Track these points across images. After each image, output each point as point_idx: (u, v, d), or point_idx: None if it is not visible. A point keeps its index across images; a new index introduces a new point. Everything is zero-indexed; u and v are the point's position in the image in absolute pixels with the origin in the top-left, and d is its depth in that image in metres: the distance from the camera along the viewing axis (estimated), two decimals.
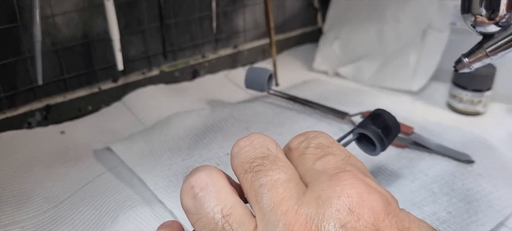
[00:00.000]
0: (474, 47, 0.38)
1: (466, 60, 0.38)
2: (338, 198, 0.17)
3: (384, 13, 0.68)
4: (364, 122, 0.35)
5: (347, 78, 0.69)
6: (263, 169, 0.19)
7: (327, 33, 0.74)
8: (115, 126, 0.55)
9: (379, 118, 0.35)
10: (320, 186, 0.18)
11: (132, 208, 0.39)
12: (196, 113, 0.53)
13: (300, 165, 0.20)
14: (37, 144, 0.50)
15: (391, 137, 0.35)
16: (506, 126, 0.54)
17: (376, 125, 0.34)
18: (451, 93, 0.57)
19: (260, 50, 0.76)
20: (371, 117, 0.35)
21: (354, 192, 0.17)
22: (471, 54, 0.38)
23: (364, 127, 0.34)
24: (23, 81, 0.53)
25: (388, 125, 0.35)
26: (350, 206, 0.17)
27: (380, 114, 0.36)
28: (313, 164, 0.19)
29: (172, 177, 0.42)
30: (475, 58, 0.38)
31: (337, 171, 0.18)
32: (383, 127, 0.34)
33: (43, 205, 0.41)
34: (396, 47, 0.66)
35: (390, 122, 0.35)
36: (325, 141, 0.21)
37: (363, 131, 0.34)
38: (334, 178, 0.18)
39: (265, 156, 0.20)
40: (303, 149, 0.21)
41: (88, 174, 0.45)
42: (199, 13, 0.66)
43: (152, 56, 0.64)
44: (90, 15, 0.56)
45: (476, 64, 0.38)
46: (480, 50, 0.37)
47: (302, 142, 0.21)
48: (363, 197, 0.17)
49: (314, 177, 0.19)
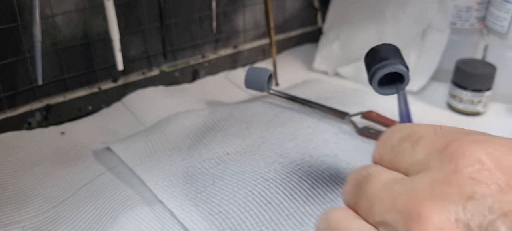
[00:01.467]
0: None
1: None
2: (466, 166, 0.16)
3: (384, 13, 0.68)
4: (373, 63, 0.33)
5: (347, 78, 0.69)
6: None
7: (327, 33, 0.74)
8: (115, 126, 0.55)
9: (379, 52, 0.33)
10: (435, 172, 0.16)
11: (132, 208, 0.39)
12: (196, 113, 0.53)
13: (398, 164, 0.19)
14: (37, 144, 0.50)
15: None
16: (507, 125, 0.54)
17: (388, 59, 0.32)
18: (451, 93, 0.57)
19: (260, 50, 0.76)
20: (372, 58, 0.33)
21: (475, 156, 0.16)
22: None
23: (382, 67, 0.32)
24: (23, 81, 0.53)
25: (390, 52, 0.33)
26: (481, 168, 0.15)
27: (376, 49, 0.34)
28: (412, 157, 0.18)
29: (172, 177, 0.42)
30: None
31: (441, 148, 0.17)
32: (391, 55, 0.32)
33: (43, 205, 0.41)
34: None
35: (388, 48, 0.33)
36: (402, 133, 0.19)
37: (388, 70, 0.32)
38: (444, 155, 0.16)
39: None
40: (391, 153, 0.19)
41: (88, 174, 0.45)
42: (199, 13, 0.66)
43: (152, 56, 0.64)
44: (90, 15, 0.56)
45: None
46: None
47: (385, 146, 0.20)
48: (484, 157, 0.16)
49: (421, 168, 0.17)
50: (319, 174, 0.41)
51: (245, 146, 0.46)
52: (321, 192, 0.40)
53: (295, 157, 0.44)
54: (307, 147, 0.46)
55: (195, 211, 0.38)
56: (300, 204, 0.38)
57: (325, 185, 0.40)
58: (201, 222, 0.37)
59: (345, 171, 0.42)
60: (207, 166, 0.43)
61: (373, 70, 0.33)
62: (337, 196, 0.39)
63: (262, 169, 0.42)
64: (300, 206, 0.38)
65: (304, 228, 0.36)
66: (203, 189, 0.40)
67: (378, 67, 0.32)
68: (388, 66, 0.32)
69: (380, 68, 0.32)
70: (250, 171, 0.42)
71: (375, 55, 0.33)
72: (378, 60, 0.32)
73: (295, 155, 0.45)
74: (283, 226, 0.36)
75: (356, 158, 0.44)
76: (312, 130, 0.49)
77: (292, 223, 0.36)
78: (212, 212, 0.38)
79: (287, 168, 0.43)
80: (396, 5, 0.66)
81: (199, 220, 0.37)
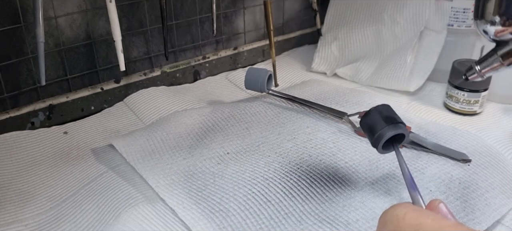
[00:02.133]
0: (487, 55, 0.36)
1: (477, 67, 0.37)
2: None
3: (382, 14, 0.68)
4: (374, 127, 0.34)
5: (345, 79, 0.70)
6: None
7: (325, 34, 0.75)
8: (117, 126, 0.56)
9: (378, 114, 0.35)
10: None
11: (134, 206, 0.39)
12: (196, 112, 0.54)
13: None
14: (40, 144, 0.51)
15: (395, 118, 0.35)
16: (503, 125, 0.55)
17: (386, 122, 0.33)
18: (448, 94, 0.58)
19: (260, 51, 0.77)
20: (372, 120, 0.34)
21: None
22: (483, 62, 0.37)
23: (385, 133, 0.33)
24: (26, 81, 0.54)
25: (387, 115, 0.34)
26: None
27: (372, 112, 0.35)
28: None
29: (174, 175, 0.43)
30: (488, 66, 0.36)
31: None
32: (389, 118, 0.33)
33: (46, 204, 0.42)
34: (393, 48, 0.67)
35: (385, 110, 0.34)
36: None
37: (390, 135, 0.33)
38: None
39: None
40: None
41: (90, 173, 0.46)
42: (200, 14, 0.67)
43: (153, 57, 0.65)
44: (93, 17, 0.57)
45: (489, 72, 0.36)
46: (494, 57, 0.35)
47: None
48: None
49: None
50: (318, 173, 0.42)
51: (245, 145, 0.47)
52: (320, 191, 0.40)
53: (294, 156, 0.45)
54: (306, 146, 0.46)
55: (196, 209, 0.39)
56: (299, 203, 0.39)
57: (323, 183, 0.41)
58: (202, 220, 0.37)
59: (343, 170, 0.43)
60: (208, 165, 0.44)
61: (377, 136, 0.34)
62: (335, 195, 0.40)
63: (262, 168, 0.43)
64: (299, 204, 0.39)
65: (303, 226, 0.37)
66: (204, 188, 0.41)
67: (382, 133, 0.34)
68: (391, 130, 0.33)
69: (383, 134, 0.33)
70: (250, 170, 0.43)
71: (374, 119, 0.34)
72: (382, 123, 0.34)
73: (294, 154, 0.45)
74: (282, 224, 0.37)
75: (354, 157, 0.45)
76: (311, 129, 0.49)
77: (291, 221, 0.37)
78: (212, 210, 0.38)
79: (286, 167, 0.43)
80: (394, 7, 0.67)
81: (200, 218, 0.38)
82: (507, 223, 0.39)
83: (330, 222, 0.37)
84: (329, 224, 0.36)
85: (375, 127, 0.35)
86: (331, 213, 0.38)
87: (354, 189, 0.40)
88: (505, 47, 0.34)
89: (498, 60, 0.35)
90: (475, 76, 0.37)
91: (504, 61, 0.35)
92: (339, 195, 0.40)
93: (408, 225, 0.23)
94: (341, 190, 0.40)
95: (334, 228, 0.36)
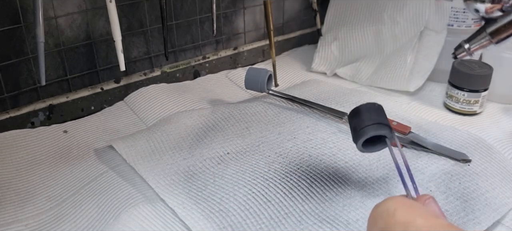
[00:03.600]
0: (475, 33, 0.37)
1: (466, 46, 0.37)
2: None
3: (382, 14, 0.68)
4: (358, 126, 0.34)
5: (345, 79, 0.70)
6: None
7: (325, 34, 0.75)
8: (118, 126, 0.56)
9: (364, 113, 0.35)
10: None
11: (134, 206, 0.39)
12: (197, 113, 0.54)
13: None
14: (40, 143, 0.51)
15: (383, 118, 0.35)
16: (503, 125, 0.55)
17: (371, 120, 0.33)
18: (448, 94, 0.58)
19: (260, 51, 0.77)
20: (357, 118, 0.34)
21: None
22: (472, 39, 0.37)
23: (366, 132, 0.33)
24: (26, 81, 0.54)
25: (376, 114, 0.34)
26: None
27: (360, 110, 0.35)
28: None
29: (174, 175, 0.43)
30: (477, 44, 0.37)
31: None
32: (376, 118, 0.34)
33: (46, 204, 0.42)
34: (393, 48, 0.67)
35: (374, 110, 0.35)
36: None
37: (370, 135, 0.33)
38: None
39: None
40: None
41: (90, 173, 0.46)
42: (200, 14, 0.67)
43: (153, 57, 0.65)
44: (93, 17, 0.57)
45: (478, 50, 0.37)
46: (483, 34, 0.36)
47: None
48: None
49: None
50: (318, 173, 0.42)
51: (245, 145, 0.47)
52: (320, 191, 0.40)
53: (294, 156, 0.45)
54: (306, 146, 0.46)
55: (196, 209, 0.39)
56: (299, 202, 0.39)
57: (323, 183, 0.41)
58: (202, 220, 0.37)
59: (343, 170, 0.43)
60: (208, 165, 0.44)
61: (359, 133, 0.34)
62: (335, 194, 0.40)
63: (262, 168, 0.43)
64: (299, 204, 0.39)
65: (303, 226, 0.37)
66: (204, 188, 0.41)
67: (361, 132, 0.34)
68: (370, 131, 0.33)
69: (363, 133, 0.34)
70: (250, 170, 0.43)
71: (359, 117, 0.34)
72: (362, 122, 0.34)
73: (294, 154, 0.45)
74: (282, 224, 0.37)
75: (354, 157, 0.45)
76: (311, 129, 0.49)
77: (291, 221, 0.37)
78: (212, 210, 0.38)
79: (286, 167, 0.43)
80: (394, 7, 0.67)
81: (200, 218, 0.38)
82: (507, 223, 0.39)
83: (330, 222, 0.37)
84: (329, 224, 0.36)
85: (356, 127, 0.35)
86: (331, 213, 0.38)
87: (354, 189, 0.40)
88: (494, 24, 0.35)
89: (487, 38, 0.35)
90: (464, 55, 0.38)
91: (493, 38, 0.35)
92: (339, 195, 0.40)
93: (398, 223, 0.22)
94: (341, 190, 0.40)
95: (334, 228, 0.36)
